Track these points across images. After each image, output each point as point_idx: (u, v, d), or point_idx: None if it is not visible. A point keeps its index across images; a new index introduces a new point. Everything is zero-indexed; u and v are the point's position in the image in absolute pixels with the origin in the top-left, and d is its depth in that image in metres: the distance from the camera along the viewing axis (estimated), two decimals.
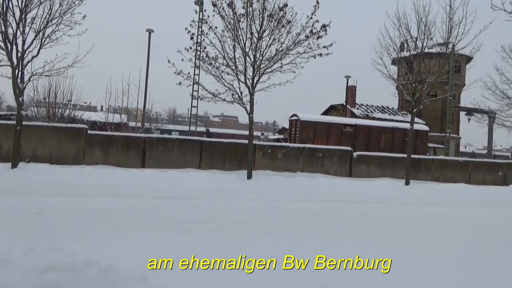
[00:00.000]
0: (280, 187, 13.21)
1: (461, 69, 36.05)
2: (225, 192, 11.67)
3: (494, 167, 20.00)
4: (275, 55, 14.02)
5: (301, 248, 5.83)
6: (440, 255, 6.00)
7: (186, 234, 6.44)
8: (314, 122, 23.47)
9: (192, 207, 9.39)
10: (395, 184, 15.54)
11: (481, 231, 8.76)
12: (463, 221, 10.15)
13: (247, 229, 7.15)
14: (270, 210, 9.73)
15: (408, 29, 17.10)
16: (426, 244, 6.78)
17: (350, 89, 33.33)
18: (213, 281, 4.35)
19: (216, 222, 7.63)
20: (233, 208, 9.63)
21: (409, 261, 5.61)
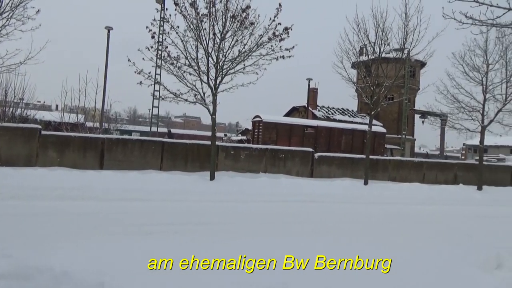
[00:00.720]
0: (243, 188, 13.22)
1: (416, 74, 37.78)
2: (187, 194, 11.52)
3: (446, 167, 21.09)
4: (238, 56, 14.03)
5: (263, 249, 5.85)
6: (394, 252, 6.23)
7: (147, 237, 6.28)
8: (276, 124, 23.71)
9: (153, 209, 9.19)
10: (355, 184, 16.00)
11: (432, 227, 9.17)
12: (417, 218, 10.60)
13: (210, 230, 7.09)
14: (233, 211, 9.71)
15: (366, 34, 17.71)
16: (382, 242, 7.01)
17: (312, 91, 33.98)
18: (177, 283, 4.28)
19: (178, 224, 7.51)
20: (195, 209, 9.52)
21: (369, 259, 5.77)
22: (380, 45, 17.59)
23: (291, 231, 7.55)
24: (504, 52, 19.02)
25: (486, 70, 19.21)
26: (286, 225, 8.16)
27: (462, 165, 22.05)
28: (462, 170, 21.17)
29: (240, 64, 14.16)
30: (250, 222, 8.28)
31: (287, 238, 6.86)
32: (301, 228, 7.93)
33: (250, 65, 14.17)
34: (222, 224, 7.85)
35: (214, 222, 7.94)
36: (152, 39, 13.83)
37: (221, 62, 13.91)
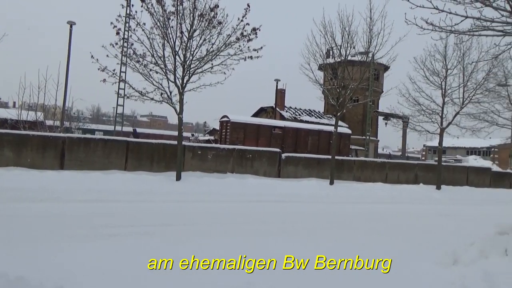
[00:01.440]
0: (210, 188, 13.12)
1: (380, 77, 38.96)
2: (152, 194, 11.30)
3: (407, 168, 21.86)
4: (206, 56, 13.92)
5: (229, 249, 5.82)
6: (357, 249, 6.38)
7: (109, 239, 6.09)
8: (244, 124, 23.71)
9: (116, 210, 8.93)
10: (321, 184, 16.26)
11: (393, 225, 9.46)
12: (379, 217, 10.88)
13: (176, 231, 6.97)
14: (200, 211, 9.61)
15: (333, 37, 18.06)
16: (347, 240, 7.16)
17: (280, 92, 34.25)
18: (143, 285, 4.17)
19: (143, 225, 7.34)
20: (161, 210, 9.35)
21: (334, 258, 5.87)
22: (346, 48, 18.00)
23: (258, 231, 7.56)
24: (462, 58, 19.98)
25: (445, 75, 20.08)
26: (253, 225, 8.16)
27: (422, 166, 22.92)
28: (422, 170, 22.01)
29: (208, 64, 14.06)
30: (216, 223, 8.22)
31: (254, 238, 6.86)
32: (268, 228, 7.96)
33: (218, 64, 14.10)
34: (187, 225, 7.74)
35: (180, 223, 7.82)
36: (117, 35, 13.48)
37: (189, 61, 13.75)
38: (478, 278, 4.35)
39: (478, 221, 10.65)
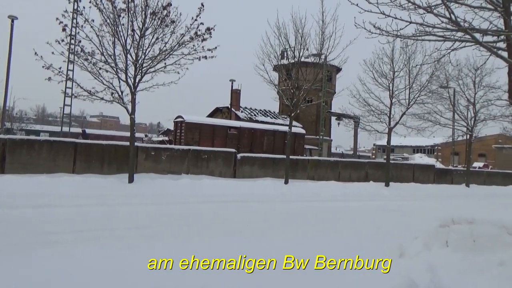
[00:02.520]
0: (165, 190, 12.85)
1: (332, 78, 40.16)
2: (103, 198, 10.87)
3: (359, 166, 22.68)
4: (159, 55, 13.62)
5: (184, 251, 5.72)
6: (311, 246, 6.53)
7: (53, 246, 5.77)
8: (199, 124, 23.48)
9: (63, 215, 8.48)
10: (276, 183, 16.45)
11: (344, 222, 9.78)
12: (331, 214, 11.18)
13: (127, 235, 6.74)
14: (153, 214, 9.37)
15: (287, 38, 18.34)
16: (301, 238, 7.29)
17: (235, 92, 34.28)
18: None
19: (91, 230, 7.03)
20: (112, 214, 9.00)
21: (294, 256, 5.95)
22: (300, 50, 18.35)
23: (212, 232, 7.51)
24: (407, 61, 21.06)
25: (392, 77, 21.06)
26: (208, 226, 8.09)
27: (372, 164, 23.87)
28: (372, 169, 22.93)
29: (161, 63, 13.77)
30: (170, 225, 8.06)
31: (208, 239, 6.79)
32: (223, 228, 7.93)
33: (172, 64, 13.84)
34: (139, 228, 7.52)
35: (131, 227, 7.58)
36: (63, 32, 12.84)
37: (141, 60, 13.39)
38: (422, 269, 4.60)
39: (422, 216, 11.25)
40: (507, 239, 5.33)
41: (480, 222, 5.65)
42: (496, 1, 7.26)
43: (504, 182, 31.01)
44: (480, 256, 5.19)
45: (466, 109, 26.27)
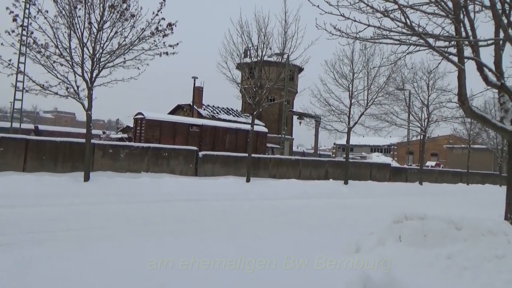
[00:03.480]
0: (123, 188, 12.49)
1: (295, 77, 40.67)
2: (56, 197, 10.39)
3: (319, 164, 23.15)
4: (118, 49, 13.19)
5: (138, 251, 5.58)
6: (270, 243, 6.59)
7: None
8: (160, 121, 23.00)
9: (12, 216, 8.02)
10: (238, 181, 16.46)
11: (304, 219, 9.96)
12: (292, 211, 11.36)
13: (81, 236, 6.49)
14: (109, 214, 9.06)
15: (250, 37, 18.37)
16: (260, 235, 7.33)
17: (197, 90, 33.92)
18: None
19: (43, 232, 6.69)
20: (65, 214, 8.62)
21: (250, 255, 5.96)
22: (262, 49, 18.44)
23: (172, 231, 7.38)
24: (366, 63, 21.74)
25: (352, 78, 21.67)
26: (167, 225, 7.95)
27: (332, 163, 24.45)
28: (332, 167, 23.49)
29: (120, 58, 13.36)
30: (126, 225, 7.83)
31: (167, 238, 6.66)
32: (182, 227, 7.82)
33: (131, 59, 13.46)
34: (94, 229, 7.25)
35: (85, 227, 7.29)
36: (13, 22, 12.13)
37: (98, 54, 12.91)
38: (376, 264, 4.76)
39: (378, 212, 11.66)
40: (455, 234, 5.63)
41: (431, 218, 5.94)
42: (448, 9, 7.64)
43: (454, 180, 32.82)
44: (430, 250, 5.45)
45: (420, 110, 27.57)
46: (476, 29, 7.91)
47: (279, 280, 4.53)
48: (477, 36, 7.89)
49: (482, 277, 4.80)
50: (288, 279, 4.55)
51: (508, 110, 8.33)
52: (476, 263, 5.01)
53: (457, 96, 8.08)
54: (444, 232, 5.64)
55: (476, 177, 35.58)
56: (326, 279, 4.61)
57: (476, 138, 33.79)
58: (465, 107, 7.94)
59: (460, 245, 5.39)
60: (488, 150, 37.26)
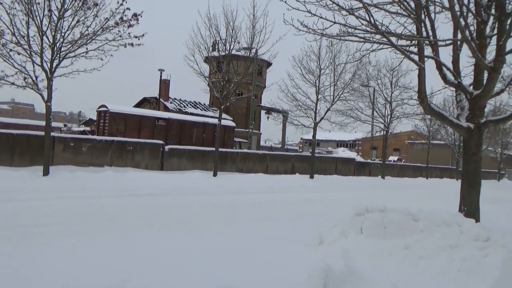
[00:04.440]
0: (85, 183, 12.11)
1: (263, 72, 40.77)
2: (12, 192, 9.91)
3: (286, 159, 23.41)
4: (80, 39, 12.72)
5: (101, 248, 5.46)
6: (231, 238, 6.62)
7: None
8: (125, 114, 22.44)
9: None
10: (204, 175, 16.35)
11: (269, 213, 10.06)
12: (258, 205, 11.42)
13: (37, 233, 6.23)
14: (68, 209, 8.73)
15: (218, 30, 18.21)
16: (225, 231, 7.35)
17: (164, 83, 33.33)
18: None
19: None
20: (22, 210, 8.25)
21: (209, 250, 5.96)
22: (231, 43, 18.34)
23: (134, 225, 7.24)
24: (333, 59, 22.11)
25: (319, 74, 21.98)
26: (129, 220, 7.78)
27: (298, 157, 24.81)
28: (298, 161, 23.83)
29: (82, 48, 12.89)
30: (87, 221, 7.59)
31: (128, 233, 6.54)
32: (146, 222, 7.69)
33: (94, 49, 13.02)
34: (52, 225, 6.97)
35: (43, 224, 6.99)
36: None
37: (59, 43, 12.40)
38: (338, 255, 4.89)
39: (342, 206, 11.92)
40: (413, 226, 5.88)
41: (390, 211, 6.17)
42: (411, 9, 7.89)
43: (414, 174, 34.17)
44: (389, 241, 5.67)
45: (384, 107, 28.45)
46: (436, 30, 8.24)
47: (243, 272, 4.57)
48: (437, 36, 8.23)
49: (436, 265, 5.05)
50: (252, 272, 4.60)
51: (464, 107, 8.75)
52: (431, 252, 5.26)
53: (417, 94, 8.42)
54: (403, 223, 5.88)
55: (435, 172, 37.22)
56: (290, 271, 4.69)
57: (435, 134, 35.30)
58: (424, 104, 8.28)
59: (417, 236, 5.64)
60: (447, 146, 38.98)
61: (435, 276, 4.90)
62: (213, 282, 3.90)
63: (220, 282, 3.86)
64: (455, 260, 5.08)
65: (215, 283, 3.82)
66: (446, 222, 5.75)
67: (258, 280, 4.21)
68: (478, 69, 8.44)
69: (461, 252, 5.19)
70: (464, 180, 8.29)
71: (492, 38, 8.36)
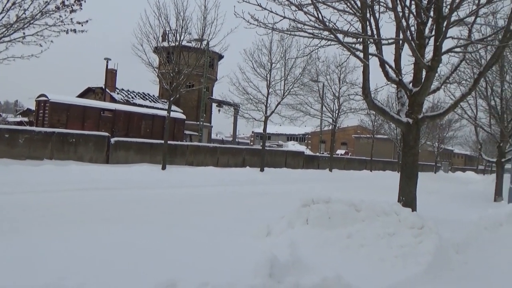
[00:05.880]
0: (22, 177, 11.35)
1: (214, 64, 40.38)
2: None
3: (236, 152, 23.47)
4: (16, 23, 11.81)
5: (35, 245, 5.16)
6: (184, 232, 6.56)
7: None
8: (67, 105, 21.26)
9: None
10: (153, 169, 15.97)
11: (220, 206, 10.05)
12: (208, 199, 11.37)
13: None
14: (2, 204, 8.16)
15: (167, 20, 17.74)
16: (175, 224, 7.24)
17: (110, 72, 31.93)
18: None
19: None
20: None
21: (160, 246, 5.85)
22: (181, 33, 17.96)
23: (74, 221, 6.92)
24: (284, 54, 22.40)
25: (270, 68, 22.20)
26: (70, 216, 7.42)
27: (249, 150, 24.98)
28: (249, 155, 23.99)
29: (19, 32, 11.99)
30: (22, 217, 7.13)
31: (67, 229, 6.24)
32: (88, 217, 7.38)
33: (32, 34, 12.15)
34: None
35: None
36: None
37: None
38: (285, 246, 4.99)
39: (290, 198, 12.18)
40: (355, 215, 6.15)
41: (335, 201, 6.40)
42: (357, 7, 8.17)
43: (359, 167, 35.72)
44: (333, 231, 5.89)
45: (332, 102, 29.36)
46: (381, 29, 8.62)
47: (188, 265, 4.53)
48: (381, 35, 8.61)
49: (376, 252, 5.33)
50: (198, 265, 4.57)
51: (404, 104, 9.26)
52: (372, 240, 5.55)
53: (362, 90, 8.77)
54: (346, 214, 6.13)
55: (378, 164, 39.15)
56: (237, 262, 4.73)
57: (379, 129, 37.09)
58: (368, 100, 8.64)
59: (358, 225, 5.91)
60: (389, 140, 41.09)
61: (374, 263, 5.17)
62: (155, 277, 3.82)
63: (162, 277, 3.80)
64: (393, 247, 5.39)
65: (157, 279, 3.75)
66: (385, 212, 6.07)
67: (203, 272, 4.20)
68: (417, 68, 8.95)
69: (399, 240, 5.52)
70: (403, 172, 8.80)
71: (430, 39, 8.89)
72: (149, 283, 3.71)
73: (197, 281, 3.74)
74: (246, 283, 3.79)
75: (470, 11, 8.45)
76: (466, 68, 15.20)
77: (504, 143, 17.65)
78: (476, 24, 9.92)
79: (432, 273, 5.04)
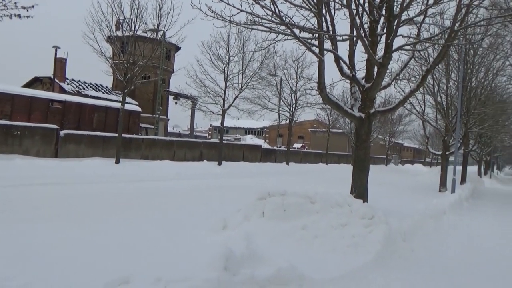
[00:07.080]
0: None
1: (171, 56, 39.46)
2: None
3: (194, 146, 23.21)
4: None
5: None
6: (143, 227, 6.40)
7: None
8: (11, 95, 19.89)
9: None
10: (106, 163, 15.43)
11: (177, 200, 9.91)
12: (164, 193, 11.14)
13: None
14: None
15: (121, 8, 17.12)
16: (129, 221, 7.05)
17: (59, 61, 30.30)
18: None
19: None
20: None
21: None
22: (136, 23, 17.40)
23: (22, 218, 6.54)
24: (242, 47, 22.35)
25: (228, 61, 22.07)
26: (16, 214, 7.01)
27: (207, 144, 24.79)
28: (207, 148, 23.81)
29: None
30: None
31: (16, 226, 5.90)
32: (37, 214, 7.00)
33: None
34: None
35: None
36: None
37: None
38: (240, 238, 5.01)
39: (248, 191, 12.26)
40: (310, 207, 6.29)
41: (290, 194, 6.51)
42: (313, 3, 8.29)
43: (315, 160, 36.58)
44: (288, 223, 6.00)
45: (290, 96, 29.76)
46: (336, 25, 8.81)
47: (141, 261, 4.44)
48: (336, 32, 8.80)
49: (329, 243, 5.49)
50: (152, 260, 4.49)
51: (357, 99, 9.56)
52: (325, 231, 5.71)
53: (317, 84, 8.94)
54: (301, 206, 6.26)
55: (333, 158, 40.29)
56: (192, 256, 4.69)
57: (335, 123, 38.11)
58: (323, 94, 8.83)
59: (313, 217, 6.06)
60: (344, 134, 42.34)
61: (327, 252, 5.33)
62: (106, 275, 3.70)
63: (114, 274, 3.69)
64: (345, 237, 5.57)
65: (109, 276, 3.64)
66: (338, 203, 6.26)
67: (158, 267, 4.12)
68: (369, 64, 9.25)
69: (350, 230, 5.72)
70: (355, 164, 9.12)
71: (382, 37, 9.21)
72: (99, 281, 3.59)
73: (151, 276, 3.67)
74: (201, 277, 3.76)
75: (419, 11, 8.86)
76: (415, 66, 15.97)
77: (448, 137, 18.80)
78: (424, 23, 10.43)
79: (381, 261, 5.27)
